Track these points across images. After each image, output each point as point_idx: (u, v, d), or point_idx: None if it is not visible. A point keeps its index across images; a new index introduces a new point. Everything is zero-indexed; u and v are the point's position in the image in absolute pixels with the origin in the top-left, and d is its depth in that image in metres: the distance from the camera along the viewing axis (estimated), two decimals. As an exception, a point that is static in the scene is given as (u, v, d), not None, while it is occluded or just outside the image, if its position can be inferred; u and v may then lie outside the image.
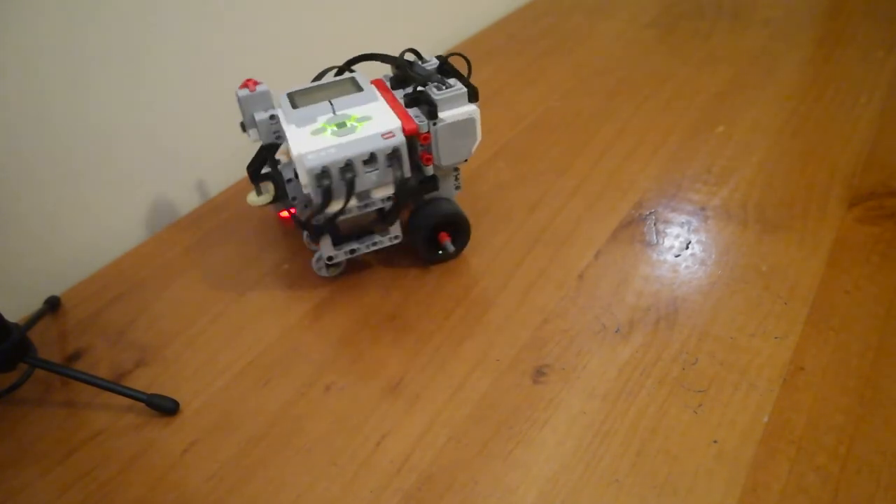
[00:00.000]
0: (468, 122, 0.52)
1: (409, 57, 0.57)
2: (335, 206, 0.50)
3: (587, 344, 0.50)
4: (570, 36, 0.99)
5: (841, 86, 0.80)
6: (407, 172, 0.51)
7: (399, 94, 0.55)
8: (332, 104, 0.53)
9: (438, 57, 0.57)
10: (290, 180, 0.56)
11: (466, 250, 0.61)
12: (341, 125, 0.51)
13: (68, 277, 0.64)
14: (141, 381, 0.52)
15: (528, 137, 0.76)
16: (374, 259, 0.61)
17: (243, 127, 0.57)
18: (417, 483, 0.43)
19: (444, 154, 0.53)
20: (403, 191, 0.52)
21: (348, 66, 0.58)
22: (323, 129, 0.51)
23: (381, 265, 0.60)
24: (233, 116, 0.75)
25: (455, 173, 0.58)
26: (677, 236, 0.60)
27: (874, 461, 0.41)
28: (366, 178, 0.50)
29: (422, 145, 0.52)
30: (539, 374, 0.49)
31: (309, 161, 0.48)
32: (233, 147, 0.76)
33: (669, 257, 0.58)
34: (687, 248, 0.59)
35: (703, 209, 0.63)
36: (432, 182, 0.56)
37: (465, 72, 0.84)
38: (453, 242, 0.58)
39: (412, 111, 0.53)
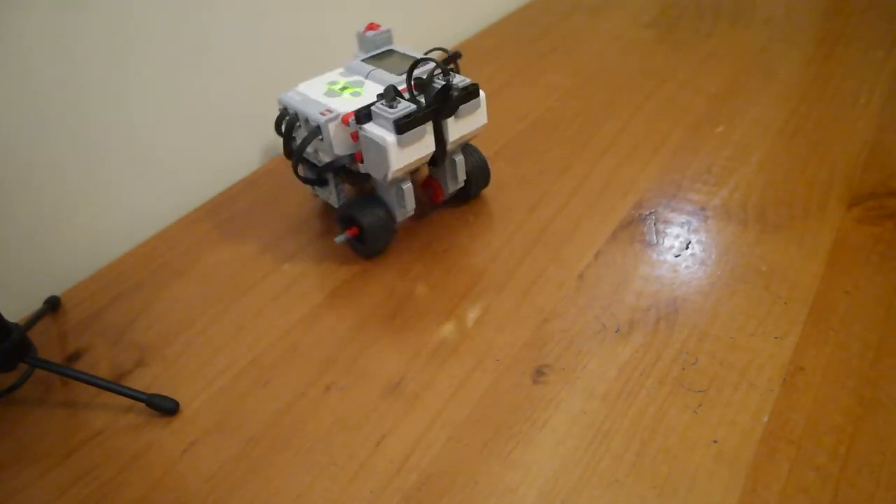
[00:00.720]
0: (380, 148, 0.53)
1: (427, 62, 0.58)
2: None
3: (587, 344, 0.50)
4: (570, 36, 0.99)
5: (841, 85, 0.80)
6: (326, 153, 0.58)
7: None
8: (374, 72, 0.60)
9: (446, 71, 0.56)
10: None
11: (466, 250, 0.61)
12: (342, 88, 0.59)
13: (68, 277, 0.64)
14: (141, 381, 0.52)
15: (528, 137, 0.76)
16: (374, 259, 0.61)
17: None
18: (417, 483, 0.43)
19: (366, 161, 0.56)
20: (326, 167, 0.58)
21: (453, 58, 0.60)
22: (335, 83, 0.60)
23: (382, 265, 0.60)
24: (234, 116, 0.75)
25: (397, 189, 0.57)
26: (677, 236, 0.60)
27: (874, 461, 0.41)
28: (299, 134, 0.60)
29: (353, 142, 0.57)
30: (539, 374, 0.49)
31: (281, 96, 0.60)
32: (233, 147, 0.76)
33: (669, 257, 0.58)
34: (687, 248, 0.59)
35: (703, 209, 0.63)
36: (361, 177, 0.59)
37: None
38: (358, 240, 0.60)
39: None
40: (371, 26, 0.64)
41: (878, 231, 0.58)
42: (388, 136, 0.52)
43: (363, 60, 0.62)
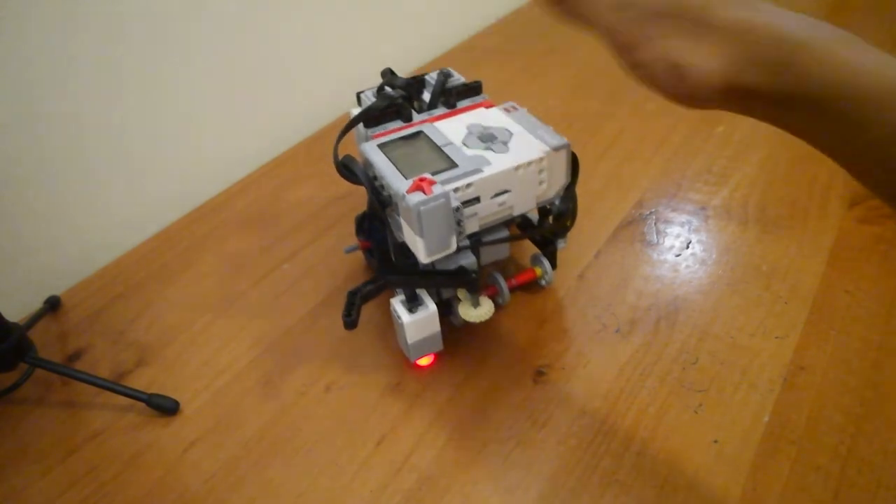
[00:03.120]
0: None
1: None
2: None
3: (587, 344, 0.50)
4: (570, 36, 0.99)
5: (842, 85, 0.80)
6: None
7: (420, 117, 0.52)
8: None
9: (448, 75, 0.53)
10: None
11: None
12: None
13: (68, 277, 0.64)
14: (141, 381, 0.52)
15: (529, 137, 0.76)
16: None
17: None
18: (417, 483, 0.43)
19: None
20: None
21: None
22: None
23: (382, 265, 0.60)
24: (235, 116, 0.75)
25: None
26: (678, 236, 0.60)
27: (875, 461, 0.41)
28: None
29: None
30: (539, 373, 0.49)
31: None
32: (232, 147, 0.76)
33: (670, 257, 0.58)
34: (687, 247, 0.58)
35: (703, 209, 0.63)
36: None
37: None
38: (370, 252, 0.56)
39: None
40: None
41: (878, 231, 0.58)
42: None
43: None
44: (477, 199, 0.44)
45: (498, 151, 0.46)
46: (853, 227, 0.59)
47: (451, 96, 0.52)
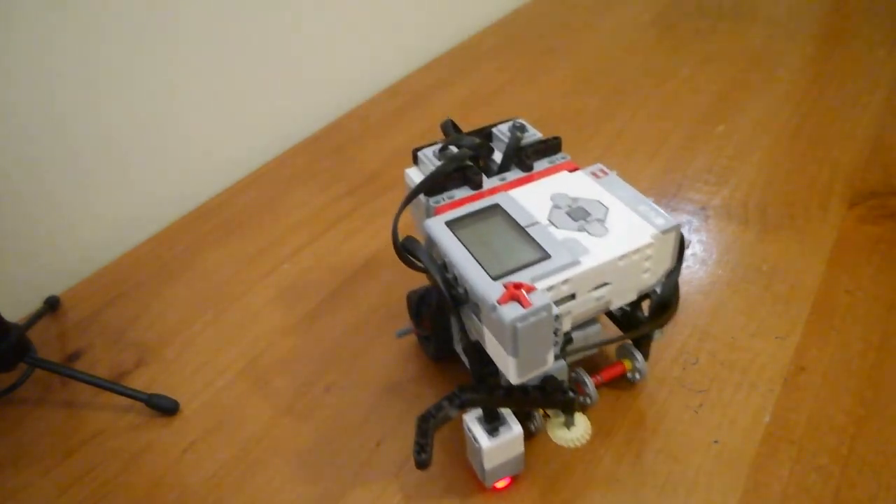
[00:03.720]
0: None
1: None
2: None
3: (588, 344, 0.50)
4: (570, 35, 0.99)
5: (842, 84, 0.80)
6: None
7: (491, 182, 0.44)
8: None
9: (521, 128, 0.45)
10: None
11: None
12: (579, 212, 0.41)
13: (68, 277, 0.64)
14: (141, 381, 0.52)
15: (529, 137, 0.76)
16: (371, 260, 0.61)
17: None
18: (417, 483, 0.43)
19: None
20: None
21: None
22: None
23: (380, 265, 0.60)
24: (232, 116, 0.75)
25: None
26: (678, 236, 0.60)
27: (876, 461, 0.41)
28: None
29: None
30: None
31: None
32: (232, 147, 0.76)
33: (670, 257, 0.57)
34: (688, 247, 0.58)
35: (703, 209, 0.63)
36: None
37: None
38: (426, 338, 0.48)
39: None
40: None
41: (879, 231, 0.58)
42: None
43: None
44: (572, 296, 0.37)
45: (594, 234, 0.38)
46: (854, 227, 0.59)
47: (527, 156, 0.44)
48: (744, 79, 0.83)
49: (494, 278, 0.35)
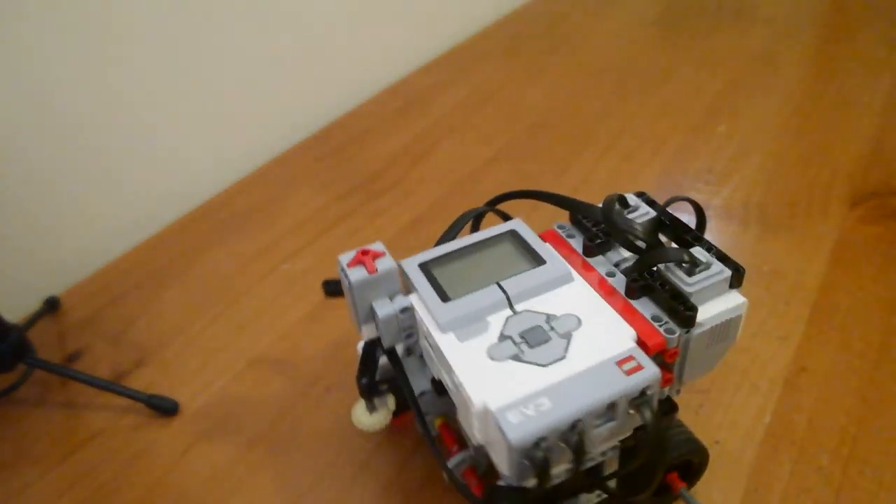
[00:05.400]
0: (732, 323, 0.33)
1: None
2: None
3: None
4: (570, 35, 0.99)
5: (843, 85, 0.80)
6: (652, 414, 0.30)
7: (598, 265, 0.36)
8: (501, 288, 0.34)
9: (651, 202, 0.37)
10: (423, 394, 0.39)
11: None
12: (534, 337, 0.32)
13: (68, 277, 0.64)
14: (141, 382, 0.52)
15: (529, 137, 0.76)
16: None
17: (327, 291, 0.41)
18: (419, 482, 0.42)
19: (691, 368, 0.33)
20: (648, 438, 0.29)
21: (491, 206, 0.40)
22: (507, 347, 0.31)
23: (382, 265, 0.60)
24: (232, 116, 0.75)
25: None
26: (678, 236, 0.60)
27: (877, 462, 0.41)
28: (595, 434, 0.30)
29: (666, 363, 0.32)
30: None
31: (515, 431, 0.27)
32: (232, 146, 0.76)
33: (671, 257, 0.57)
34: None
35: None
36: (669, 406, 0.35)
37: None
38: (683, 478, 0.39)
39: (638, 304, 0.33)
40: (362, 256, 0.35)
41: (880, 231, 0.58)
42: (737, 300, 0.33)
43: (449, 296, 0.34)
44: None
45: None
46: (854, 227, 0.58)
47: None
48: (744, 79, 0.83)
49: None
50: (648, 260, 0.33)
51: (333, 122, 0.83)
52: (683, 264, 0.32)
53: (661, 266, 0.33)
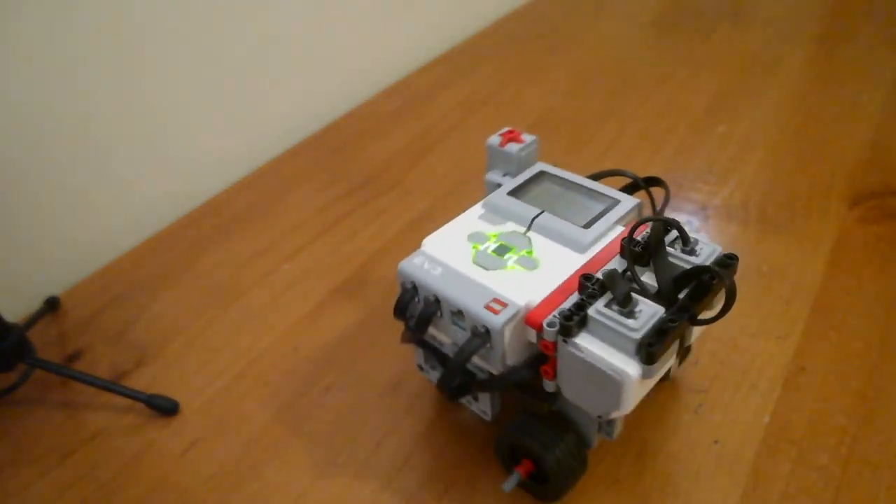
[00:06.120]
0: (608, 380, 0.33)
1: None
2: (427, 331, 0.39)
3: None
4: (570, 35, 0.99)
5: (842, 84, 0.80)
6: (495, 364, 0.37)
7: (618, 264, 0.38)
8: (540, 217, 0.41)
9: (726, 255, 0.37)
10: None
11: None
12: (499, 250, 0.39)
13: (68, 277, 0.64)
14: (141, 382, 0.52)
15: (529, 137, 0.76)
16: (371, 260, 0.61)
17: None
18: (418, 483, 0.42)
19: (566, 387, 0.36)
20: (491, 382, 0.38)
21: (645, 183, 0.44)
22: (482, 236, 0.41)
23: (380, 265, 0.60)
24: (234, 114, 0.75)
25: (602, 420, 0.39)
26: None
27: (876, 461, 0.41)
28: (451, 330, 0.38)
29: (543, 354, 0.36)
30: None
31: (406, 262, 0.39)
32: (232, 146, 0.76)
33: (670, 257, 0.57)
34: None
35: (703, 209, 0.63)
36: (545, 396, 0.38)
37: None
38: (533, 479, 0.40)
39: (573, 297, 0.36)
40: (511, 135, 0.46)
41: (879, 230, 0.58)
42: (629, 366, 0.32)
43: (510, 193, 0.43)
44: None
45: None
46: (854, 227, 0.59)
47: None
48: (744, 79, 0.83)
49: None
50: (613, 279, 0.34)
51: (333, 122, 0.83)
52: (617, 304, 0.33)
53: (616, 280, 0.34)
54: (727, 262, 0.36)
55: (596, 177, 0.45)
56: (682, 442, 0.43)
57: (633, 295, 0.33)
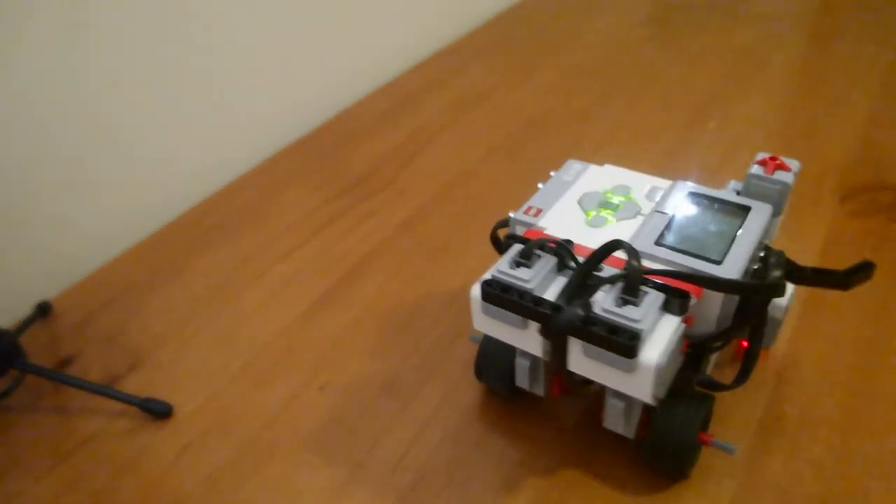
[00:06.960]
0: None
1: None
2: None
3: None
4: (562, 34, 0.99)
5: (833, 80, 0.80)
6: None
7: None
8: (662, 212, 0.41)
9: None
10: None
11: (448, 260, 0.61)
12: (624, 212, 0.42)
13: (59, 282, 0.64)
14: (134, 385, 0.51)
15: (523, 136, 0.76)
16: (364, 260, 0.61)
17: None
18: (412, 483, 0.42)
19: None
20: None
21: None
22: (596, 201, 0.43)
23: (373, 265, 0.60)
24: (223, 118, 0.75)
25: None
26: (670, 232, 0.60)
27: (868, 453, 0.41)
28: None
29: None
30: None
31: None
32: (225, 148, 0.76)
33: (663, 253, 0.58)
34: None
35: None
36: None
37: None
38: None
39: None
40: (776, 163, 0.43)
41: (870, 225, 0.58)
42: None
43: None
44: None
45: None
46: (845, 221, 0.59)
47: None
48: (735, 75, 0.83)
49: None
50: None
51: (325, 123, 0.83)
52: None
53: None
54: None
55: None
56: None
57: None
